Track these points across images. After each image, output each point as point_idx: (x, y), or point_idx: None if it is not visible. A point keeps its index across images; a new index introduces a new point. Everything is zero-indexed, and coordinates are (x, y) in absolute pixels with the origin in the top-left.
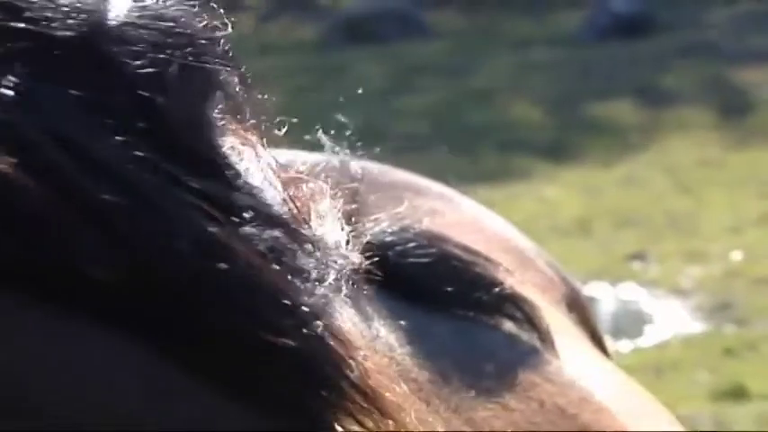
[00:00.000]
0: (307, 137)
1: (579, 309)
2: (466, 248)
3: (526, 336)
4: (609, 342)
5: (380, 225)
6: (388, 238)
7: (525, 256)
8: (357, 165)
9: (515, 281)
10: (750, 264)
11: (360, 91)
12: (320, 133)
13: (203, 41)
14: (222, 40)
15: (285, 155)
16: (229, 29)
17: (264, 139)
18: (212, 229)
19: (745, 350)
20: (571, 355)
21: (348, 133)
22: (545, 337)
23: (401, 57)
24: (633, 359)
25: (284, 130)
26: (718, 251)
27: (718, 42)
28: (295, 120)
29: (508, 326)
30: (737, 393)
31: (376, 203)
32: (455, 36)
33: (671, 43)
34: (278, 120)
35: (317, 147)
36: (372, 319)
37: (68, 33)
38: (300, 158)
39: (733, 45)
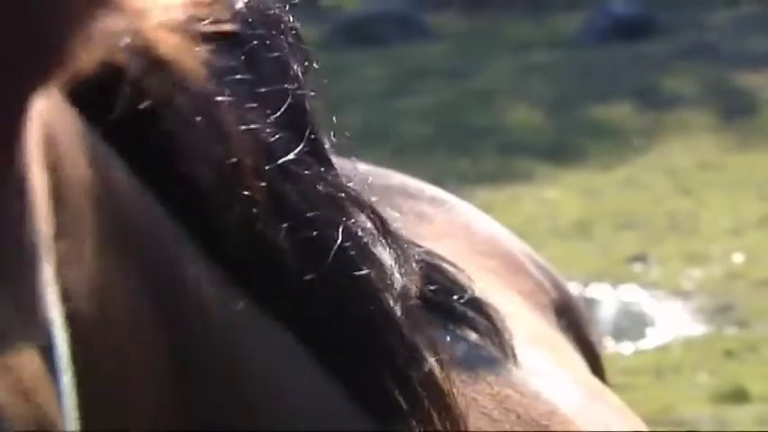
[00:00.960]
0: None
1: (569, 313)
2: (432, 254)
3: (489, 345)
4: (610, 344)
5: None
6: None
7: (514, 260)
8: (353, 168)
9: (486, 287)
10: (751, 266)
11: (360, 93)
12: None
13: (295, 30)
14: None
15: None
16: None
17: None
18: (361, 236)
19: (745, 352)
20: (539, 364)
21: (349, 135)
22: (506, 347)
23: (402, 59)
24: (634, 361)
25: None
26: (719, 253)
27: (718, 45)
28: None
29: (473, 336)
30: (738, 395)
31: None
32: (456, 38)
33: (671, 45)
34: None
35: None
36: None
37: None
38: None
39: (733, 47)
